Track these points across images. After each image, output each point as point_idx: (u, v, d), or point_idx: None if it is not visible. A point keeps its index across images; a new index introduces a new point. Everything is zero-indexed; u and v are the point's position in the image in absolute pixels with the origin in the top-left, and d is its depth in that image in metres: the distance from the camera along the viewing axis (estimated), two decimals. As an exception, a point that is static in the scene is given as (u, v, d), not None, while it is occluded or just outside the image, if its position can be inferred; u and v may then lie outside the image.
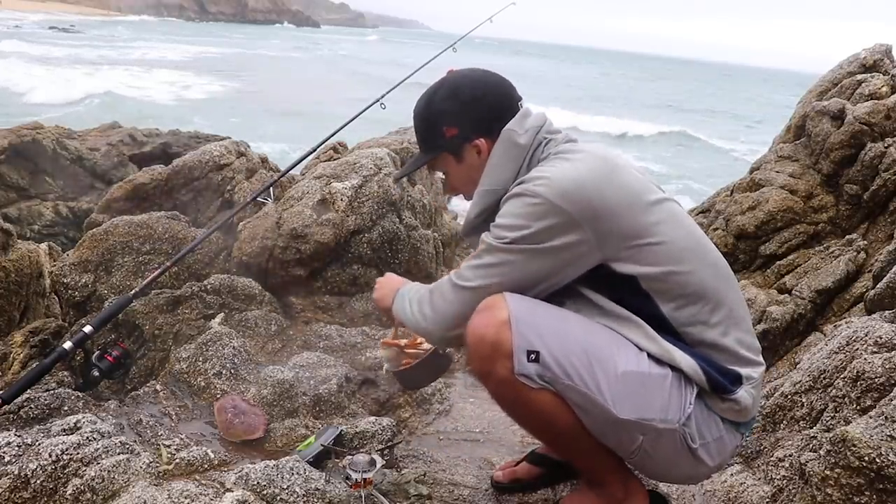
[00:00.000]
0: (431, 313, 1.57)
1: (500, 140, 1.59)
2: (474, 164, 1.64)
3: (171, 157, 6.92)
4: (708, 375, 1.45)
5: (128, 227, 3.28)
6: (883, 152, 4.15)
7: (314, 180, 3.55)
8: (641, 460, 1.50)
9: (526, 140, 1.57)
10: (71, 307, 3.19)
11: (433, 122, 1.65)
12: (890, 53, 5.13)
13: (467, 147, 1.63)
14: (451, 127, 1.62)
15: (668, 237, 1.46)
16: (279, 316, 3.02)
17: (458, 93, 1.63)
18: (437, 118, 1.64)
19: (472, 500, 1.90)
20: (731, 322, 1.50)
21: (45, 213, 7.53)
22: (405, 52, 68.65)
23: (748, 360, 1.51)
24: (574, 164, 1.48)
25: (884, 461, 1.56)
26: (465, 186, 1.70)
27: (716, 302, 1.48)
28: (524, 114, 1.61)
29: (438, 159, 1.69)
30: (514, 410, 1.57)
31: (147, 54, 42.83)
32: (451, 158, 1.67)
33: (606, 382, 1.41)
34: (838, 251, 4.01)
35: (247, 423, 2.21)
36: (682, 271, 1.46)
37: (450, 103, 1.63)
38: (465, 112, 1.62)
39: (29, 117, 11.15)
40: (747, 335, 1.54)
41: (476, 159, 1.63)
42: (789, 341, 3.80)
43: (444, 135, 1.63)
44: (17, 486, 1.68)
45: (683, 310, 1.46)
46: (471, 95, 1.62)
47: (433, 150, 1.68)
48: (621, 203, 1.43)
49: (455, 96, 1.63)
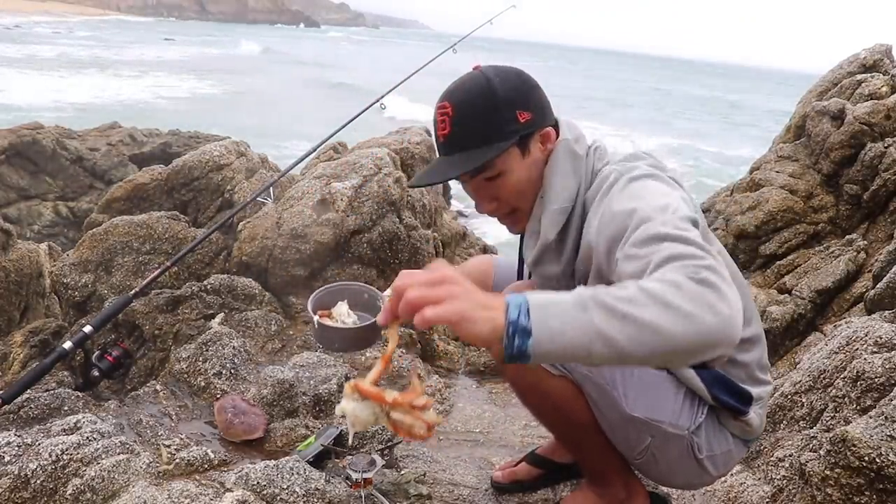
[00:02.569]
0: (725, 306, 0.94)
1: (560, 151, 1.42)
2: (538, 159, 1.43)
3: (171, 157, 6.91)
4: (718, 400, 1.45)
5: (128, 227, 3.28)
6: (883, 152, 4.15)
7: (314, 180, 3.55)
8: (646, 463, 1.50)
9: (581, 149, 1.43)
10: (71, 307, 3.19)
11: (504, 105, 1.37)
12: (890, 53, 5.14)
13: (535, 137, 1.42)
14: (524, 111, 1.38)
15: (718, 248, 1.43)
16: (279, 316, 3.02)
17: (521, 75, 1.43)
18: (509, 101, 1.37)
19: (472, 500, 1.90)
20: (754, 340, 1.50)
21: (45, 213, 7.53)
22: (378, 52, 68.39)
23: (760, 380, 1.52)
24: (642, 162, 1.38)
25: (884, 461, 1.56)
26: (517, 192, 1.45)
27: (746, 319, 1.47)
28: (566, 122, 1.48)
29: (502, 155, 1.40)
30: (531, 398, 1.56)
31: (143, 55, 42.82)
32: (518, 152, 1.41)
33: (622, 378, 1.42)
34: (838, 251, 4.01)
35: (247, 423, 2.21)
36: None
37: (519, 86, 1.40)
38: (533, 95, 1.42)
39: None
40: (764, 354, 1.54)
41: (539, 154, 1.43)
42: (789, 341, 3.80)
43: (518, 119, 1.37)
44: (17, 485, 1.68)
45: None
46: (533, 79, 1.43)
47: (503, 138, 1.38)
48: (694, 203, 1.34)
49: (521, 78, 1.42)
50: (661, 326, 0.90)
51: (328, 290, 1.73)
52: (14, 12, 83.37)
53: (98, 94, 26.41)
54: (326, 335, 1.60)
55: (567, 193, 1.40)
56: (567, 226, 1.42)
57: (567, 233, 1.43)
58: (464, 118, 1.38)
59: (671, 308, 0.90)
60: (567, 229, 1.43)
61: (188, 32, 79.26)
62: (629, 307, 0.90)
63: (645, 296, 0.92)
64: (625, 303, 0.91)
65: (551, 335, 0.90)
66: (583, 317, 0.91)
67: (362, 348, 1.89)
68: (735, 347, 1.23)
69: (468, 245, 4.83)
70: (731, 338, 0.94)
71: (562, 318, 0.91)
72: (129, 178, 4.09)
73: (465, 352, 3.34)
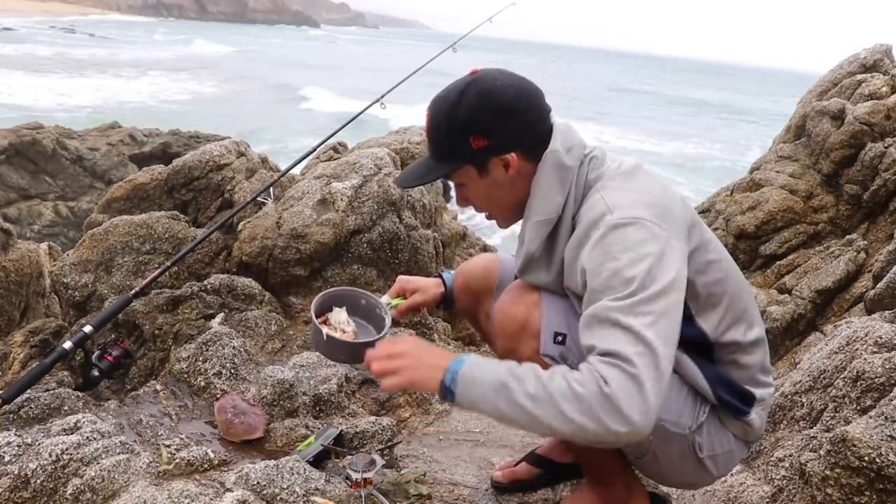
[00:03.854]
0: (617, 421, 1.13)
1: (547, 164, 1.41)
2: (499, 180, 1.44)
3: (171, 156, 6.92)
4: (721, 399, 1.45)
5: (128, 226, 3.28)
6: (883, 152, 4.15)
7: (314, 180, 3.55)
8: (647, 461, 1.50)
9: (571, 161, 1.41)
10: (71, 307, 3.19)
11: (458, 129, 1.40)
12: (890, 53, 5.14)
13: (494, 161, 1.42)
14: (479, 137, 1.40)
15: (721, 255, 1.45)
16: (279, 316, 3.02)
17: (490, 99, 1.39)
18: (464, 125, 1.40)
19: (472, 500, 1.90)
20: (758, 343, 1.50)
21: (45, 213, 7.54)
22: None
23: (763, 383, 1.52)
24: (636, 184, 1.38)
25: (884, 461, 1.56)
26: (482, 202, 1.51)
27: (749, 324, 1.48)
28: (561, 130, 1.44)
29: (457, 171, 1.46)
30: None
31: (138, 56, 42.70)
32: (474, 171, 1.44)
33: None
34: (838, 251, 4.01)
35: (247, 423, 2.21)
36: (732, 291, 1.45)
37: (480, 111, 1.39)
38: (497, 122, 1.39)
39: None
40: (766, 357, 1.54)
41: (502, 175, 1.43)
42: (789, 341, 3.80)
43: (470, 145, 1.40)
44: (17, 485, 1.68)
45: (725, 330, 1.44)
46: (505, 104, 1.39)
47: (453, 160, 1.45)
48: (687, 219, 1.38)
49: (487, 103, 1.39)
50: (550, 425, 1.17)
51: (330, 295, 1.72)
52: (14, 12, 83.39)
53: (97, 94, 26.48)
54: (335, 347, 1.59)
55: (550, 207, 1.42)
56: (555, 237, 1.44)
57: (555, 244, 1.44)
58: (431, 131, 1.48)
59: (562, 415, 1.15)
60: (555, 240, 1.44)
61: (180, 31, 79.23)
62: (529, 404, 1.18)
63: (547, 397, 1.17)
64: (528, 399, 1.18)
65: (469, 403, 1.24)
66: (494, 397, 1.21)
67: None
68: (741, 350, 1.45)
69: (468, 245, 4.83)
70: (614, 443, 1.17)
71: (479, 392, 1.22)
72: (129, 178, 4.08)
73: (465, 352, 3.34)
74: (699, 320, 1.41)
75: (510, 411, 1.19)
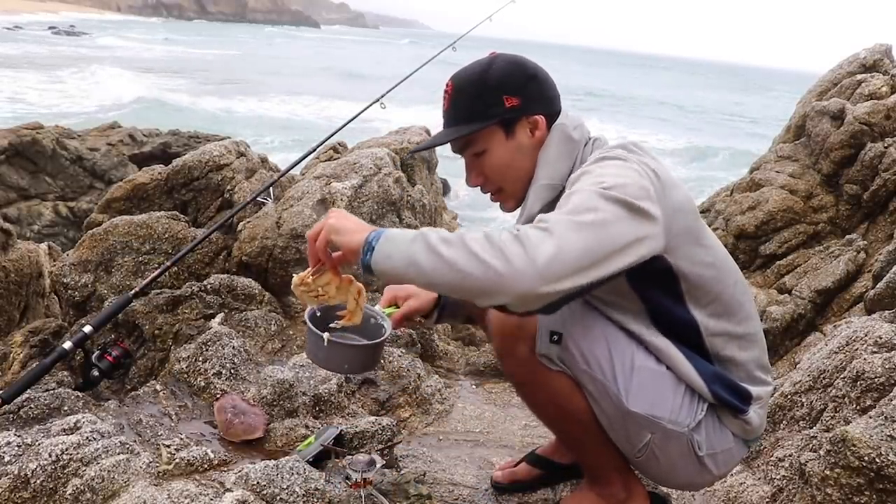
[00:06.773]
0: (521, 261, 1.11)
1: (555, 134, 1.50)
2: (524, 144, 1.50)
3: (170, 156, 6.92)
4: (718, 397, 1.45)
5: (128, 227, 3.28)
6: (883, 152, 4.15)
7: (314, 180, 3.55)
8: (647, 461, 1.50)
9: (578, 136, 1.50)
10: (71, 307, 3.19)
11: (492, 87, 1.47)
12: (890, 53, 5.14)
13: (522, 122, 1.49)
14: (512, 97, 1.47)
15: (714, 245, 1.46)
16: (279, 316, 3.02)
17: (520, 65, 1.51)
18: (498, 85, 1.47)
19: (471, 500, 1.90)
20: (752, 339, 1.50)
21: (45, 213, 7.54)
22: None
23: (760, 380, 1.52)
24: (634, 159, 1.38)
25: (884, 461, 1.56)
26: (500, 172, 1.53)
27: (742, 317, 1.49)
28: (568, 113, 1.55)
29: (484, 133, 1.49)
30: (529, 394, 1.57)
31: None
32: (501, 134, 1.50)
33: (622, 373, 1.42)
34: (838, 251, 4.01)
35: (247, 423, 2.21)
36: (724, 281, 1.45)
37: (512, 74, 1.49)
38: (529, 84, 1.50)
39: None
40: (763, 355, 1.54)
41: (527, 139, 1.50)
42: (789, 341, 3.80)
43: (504, 103, 1.47)
44: (17, 485, 1.68)
45: (716, 319, 1.45)
46: (532, 70, 1.51)
47: (485, 118, 1.48)
48: (683, 201, 1.38)
49: (518, 68, 1.50)
50: (455, 263, 1.13)
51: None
52: (14, 12, 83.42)
53: (96, 94, 26.50)
54: (335, 353, 1.56)
55: (556, 172, 1.48)
56: (554, 206, 1.41)
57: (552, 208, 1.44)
58: (457, 97, 1.51)
59: (471, 253, 1.13)
60: (554, 209, 1.42)
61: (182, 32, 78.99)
62: (441, 246, 1.15)
63: (460, 241, 1.15)
64: (442, 242, 1.16)
65: (384, 256, 1.20)
66: (409, 247, 1.18)
67: (371, 368, 1.82)
68: (734, 343, 1.45)
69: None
70: (511, 288, 1.12)
71: (396, 246, 1.20)
72: (128, 178, 4.08)
73: (465, 352, 3.34)
74: (689, 304, 1.42)
75: (421, 258, 1.15)
